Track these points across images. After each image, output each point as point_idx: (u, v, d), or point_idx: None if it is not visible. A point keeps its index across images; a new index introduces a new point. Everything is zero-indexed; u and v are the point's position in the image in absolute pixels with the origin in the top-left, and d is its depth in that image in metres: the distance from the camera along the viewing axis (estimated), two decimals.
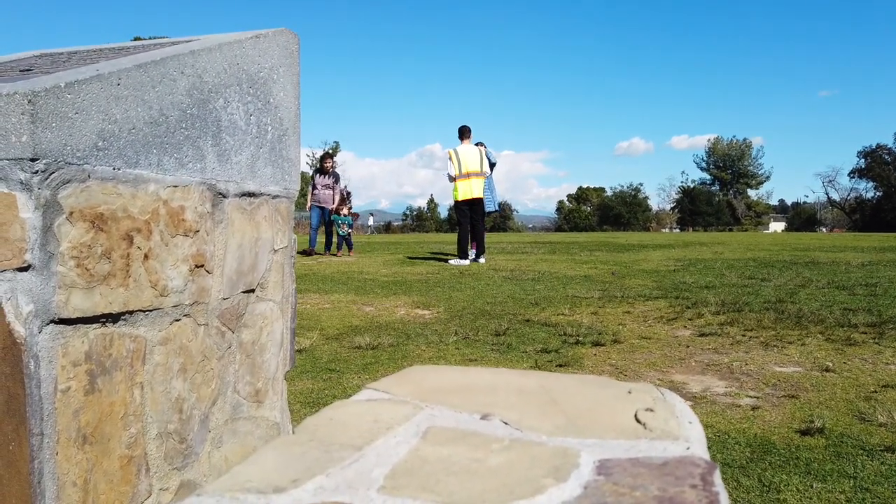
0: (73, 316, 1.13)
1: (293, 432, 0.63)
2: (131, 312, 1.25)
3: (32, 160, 1.04)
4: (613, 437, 0.60)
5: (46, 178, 1.07)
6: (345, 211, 13.77)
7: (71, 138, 1.10)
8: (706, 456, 0.57)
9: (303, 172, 13.32)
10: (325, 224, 13.36)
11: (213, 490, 0.52)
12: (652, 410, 0.67)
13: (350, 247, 13.78)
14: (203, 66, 1.41)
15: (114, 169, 1.19)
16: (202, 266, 1.43)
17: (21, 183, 1.05)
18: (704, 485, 0.49)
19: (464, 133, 11.10)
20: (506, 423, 0.64)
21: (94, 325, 1.18)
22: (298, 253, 12.30)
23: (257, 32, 1.62)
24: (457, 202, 11.03)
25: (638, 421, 0.64)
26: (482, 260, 11.12)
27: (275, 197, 1.70)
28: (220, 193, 1.48)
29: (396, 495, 0.50)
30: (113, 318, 1.21)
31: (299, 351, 4.77)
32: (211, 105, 1.44)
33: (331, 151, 14.01)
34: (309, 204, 13.37)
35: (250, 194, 1.59)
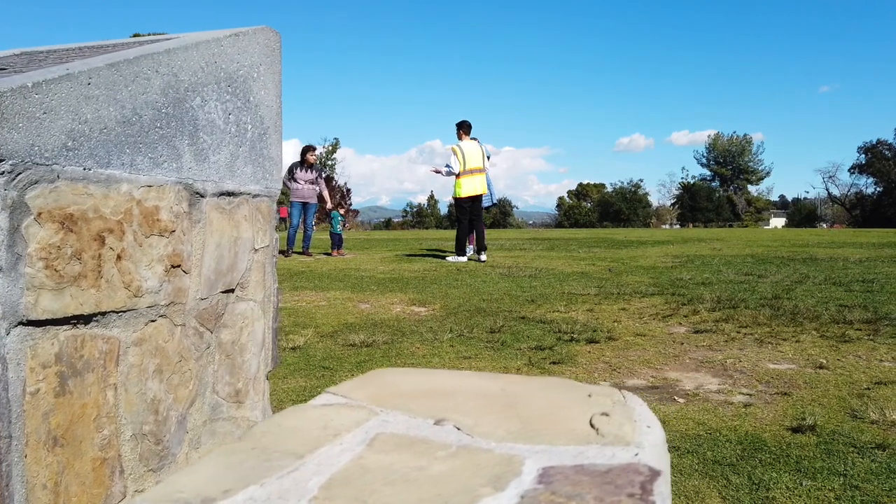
0: (43, 317, 1.12)
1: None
2: (104, 313, 1.24)
3: None
4: (564, 442, 0.59)
5: (13, 180, 1.06)
6: (342, 210, 13.57)
7: (39, 138, 1.09)
8: (658, 462, 0.56)
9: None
10: (304, 221, 12.49)
11: (142, 500, 0.51)
12: (607, 415, 0.66)
13: (339, 245, 13.29)
14: (179, 64, 1.40)
15: (84, 169, 1.18)
16: (179, 266, 1.42)
17: None
18: (643, 493, 0.48)
19: (465, 128, 11.04)
20: (458, 429, 0.64)
21: (65, 327, 1.17)
22: (285, 251, 12.05)
23: (236, 30, 1.61)
24: (459, 198, 10.97)
25: (592, 426, 0.63)
26: (484, 257, 11.04)
27: (255, 196, 1.69)
28: (198, 193, 1.47)
29: None
30: (84, 319, 1.20)
31: (293, 348, 4.76)
32: (187, 104, 1.43)
33: (314, 145, 12.73)
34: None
35: (229, 193, 1.58)
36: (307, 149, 12.36)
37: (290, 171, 12.16)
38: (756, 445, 2.96)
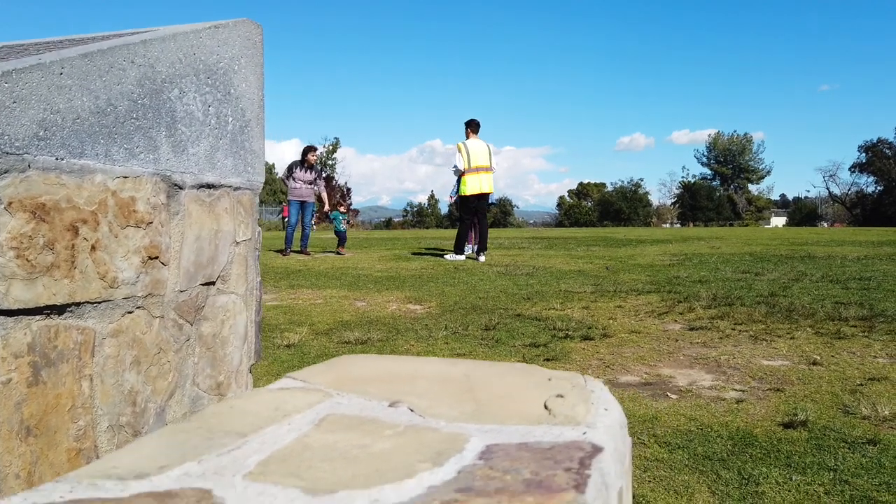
0: (14, 307, 1.12)
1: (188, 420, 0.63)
2: (78, 304, 1.24)
3: None
4: (515, 423, 0.59)
5: None
6: (343, 208, 13.62)
7: (9, 128, 1.09)
8: (606, 441, 0.56)
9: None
10: (302, 220, 12.45)
11: (74, 476, 0.51)
12: (562, 397, 0.65)
13: (342, 243, 13.39)
14: (156, 55, 1.39)
15: (56, 159, 1.18)
16: (156, 258, 1.41)
17: None
18: (580, 467, 0.48)
19: (473, 127, 10.98)
20: (412, 411, 0.63)
21: (38, 317, 1.17)
22: (275, 251, 12.06)
23: (216, 23, 1.60)
24: (464, 197, 10.89)
25: (546, 407, 0.63)
26: (482, 258, 10.99)
27: (237, 189, 1.68)
28: (176, 185, 1.47)
29: (260, 481, 0.49)
30: (58, 309, 1.20)
31: (288, 346, 4.76)
32: (165, 95, 1.43)
33: (315, 146, 12.66)
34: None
35: (209, 186, 1.58)
36: (308, 149, 12.32)
37: (290, 169, 12.17)
38: (747, 441, 2.96)
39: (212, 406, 0.68)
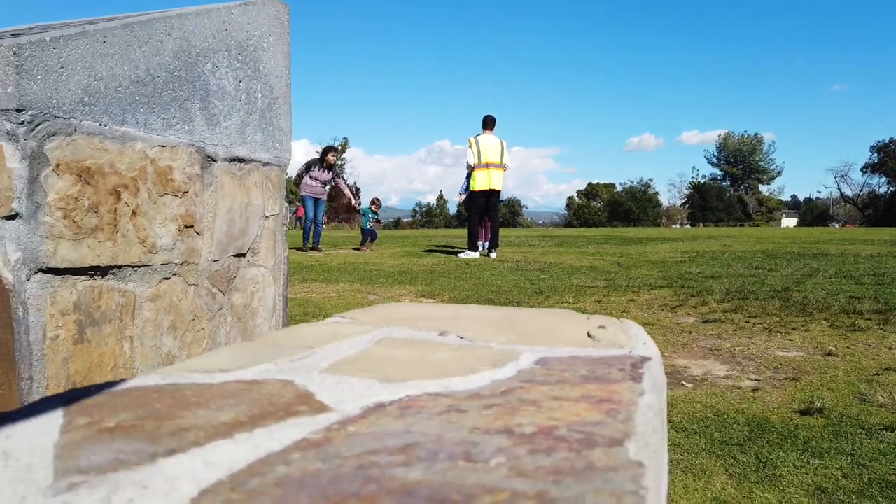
0: (61, 266, 1.16)
1: None
2: (120, 267, 1.28)
3: (18, 111, 1.07)
4: (562, 346, 0.62)
5: (32, 130, 1.09)
6: (374, 207, 13.94)
7: (57, 91, 1.13)
8: (653, 356, 0.58)
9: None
10: (315, 217, 12.64)
11: (162, 371, 0.54)
12: (604, 328, 0.68)
13: (373, 239, 13.73)
14: (190, 29, 1.43)
15: (100, 125, 1.22)
16: (191, 227, 1.45)
17: (7, 133, 1.07)
18: (633, 369, 0.50)
19: (487, 123, 10.96)
20: (461, 338, 0.66)
21: (83, 277, 1.20)
22: (292, 249, 12.24)
23: (246, 1, 1.64)
24: (473, 192, 10.87)
25: (589, 335, 0.66)
26: (494, 255, 10.97)
27: (266, 164, 1.72)
28: (209, 156, 1.51)
29: (336, 374, 0.52)
30: (101, 271, 1.24)
31: None
32: (199, 69, 1.47)
33: (339, 147, 13.25)
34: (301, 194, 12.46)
35: (240, 160, 1.62)
36: (329, 149, 12.61)
37: (308, 167, 12.37)
38: (764, 427, 2.96)
39: (273, 331, 0.71)
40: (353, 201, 13.70)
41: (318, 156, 12.64)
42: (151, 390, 0.48)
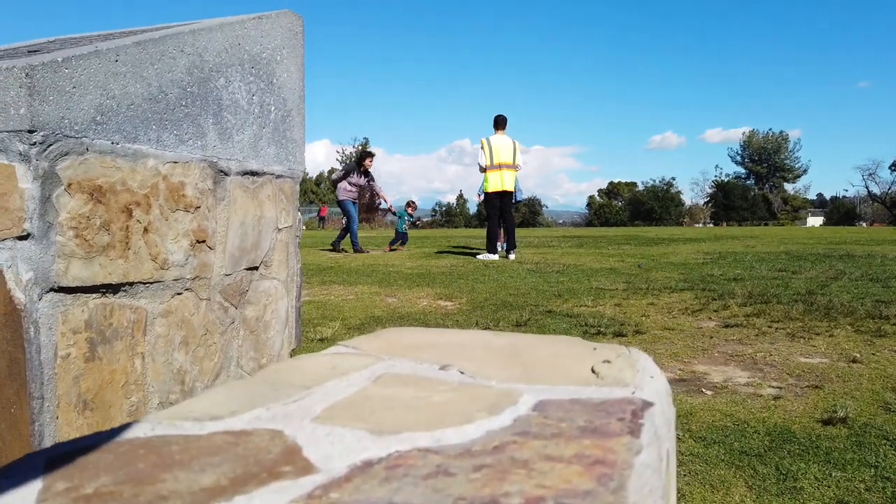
0: (73, 284, 1.17)
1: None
2: (131, 284, 1.29)
3: (30, 132, 1.08)
4: (563, 384, 0.60)
5: (45, 150, 1.10)
6: (410, 210, 14.26)
7: (69, 111, 1.14)
8: (657, 400, 0.57)
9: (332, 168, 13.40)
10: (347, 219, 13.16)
11: (154, 418, 0.54)
12: (609, 362, 0.67)
13: (404, 242, 14.06)
14: (203, 45, 1.44)
15: (112, 143, 1.23)
16: (204, 241, 1.46)
17: (20, 154, 1.09)
18: (633, 418, 0.49)
19: (498, 123, 10.88)
20: (462, 373, 0.65)
21: (94, 295, 1.21)
22: (355, 252, 12.50)
23: (259, 14, 1.64)
24: (486, 194, 10.85)
25: (593, 371, 0.64)
26: (512, 256, 10.90)
27: (279, 177, 1.72)
28: (222, 171, 1.51)
29: (327, 424, 0.51)
30: (113, 288, 1.25)
31: (321, 339, 4.82)
32: (212, 84, 1.47)
33: (373, 151, 13.92)
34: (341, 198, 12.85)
35: (253, 173, 1.62)
36: (366, 154, 13.34)
37: (346, 173, 12.91)
38: (785, 437, 2.91)
39: (272, 365, 0.71)
40: (387, 204, 14.23)
41: (353, 159, 13.33)
42: (139, 445, 0.48)
